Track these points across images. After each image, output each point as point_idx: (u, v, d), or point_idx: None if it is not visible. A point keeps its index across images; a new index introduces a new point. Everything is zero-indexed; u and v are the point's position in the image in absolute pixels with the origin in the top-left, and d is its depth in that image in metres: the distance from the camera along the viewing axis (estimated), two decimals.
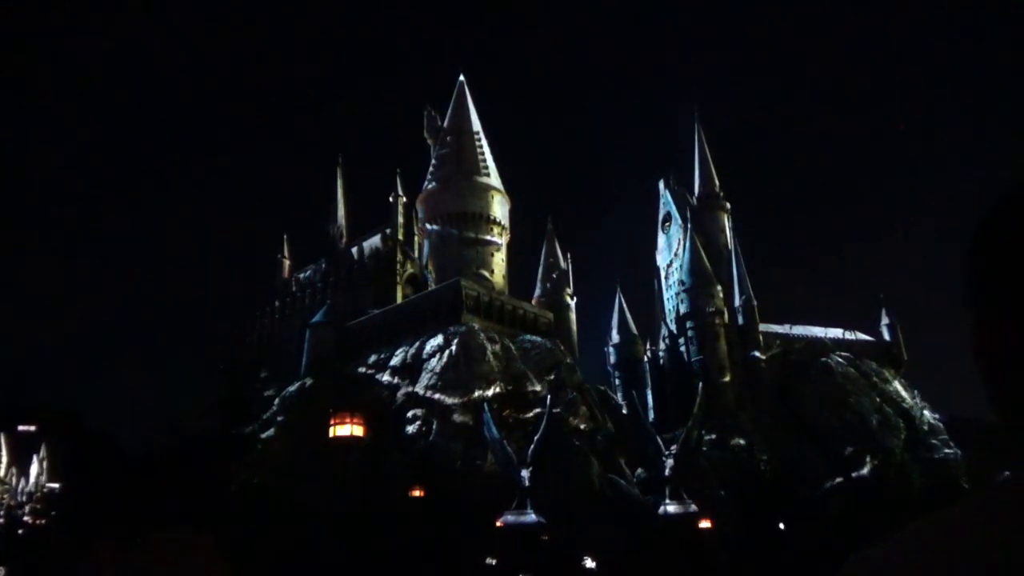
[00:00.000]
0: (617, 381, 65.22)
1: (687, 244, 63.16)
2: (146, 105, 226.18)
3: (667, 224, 67.93)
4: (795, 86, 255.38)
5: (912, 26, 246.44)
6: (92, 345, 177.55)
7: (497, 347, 47.65)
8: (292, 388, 51.36)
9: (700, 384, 56.91)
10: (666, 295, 65.06)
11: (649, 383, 62.86)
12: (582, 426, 45.56)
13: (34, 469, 45.87)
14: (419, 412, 43.17)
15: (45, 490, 41.15)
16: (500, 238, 60.71)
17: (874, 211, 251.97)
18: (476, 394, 43.54)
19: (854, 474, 51.81)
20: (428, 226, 60.33)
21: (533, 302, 58.47)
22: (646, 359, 64.78)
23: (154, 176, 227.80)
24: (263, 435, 43.00)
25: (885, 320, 66.51)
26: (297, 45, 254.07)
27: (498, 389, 44.58)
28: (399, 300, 55.69)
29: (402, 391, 45.60)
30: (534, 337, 52.15)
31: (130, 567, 1.66)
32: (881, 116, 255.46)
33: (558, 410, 43.93)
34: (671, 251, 65.96)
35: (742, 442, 53.87)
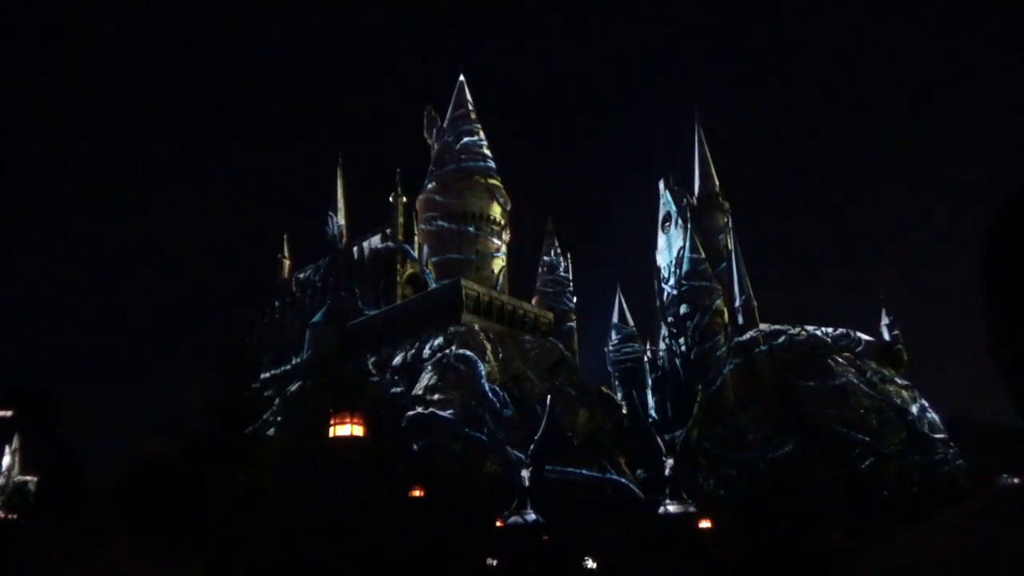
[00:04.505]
0: (617, 381, 65.18)
1: (687, 244, 63.14)
2: (145, 104, 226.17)
3: (667, 224, 67.86)
4: (795, 86, 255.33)
5: (913, 27, 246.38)
6: (89, 344, 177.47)
7: (497, 347, 47.67)
8: (292, 388, 51.37)
9: (700, 384, 56.94)
10: (666, 295, 65.01)
11: (649, 383, 62.82)
12: (582, 426, 45.57)
13: (5, 461, 45.27)
14: (419, 412, 43.17)
15: (17, 481, 40.66)
16: (500, 238, 60.69)
17: (874, 211, 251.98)
18: (476, 394, 43.55)
19: (854, 474, 51.78)
20: (428, 226, 60.30)
21: (533, 302, 58.44)
22: (646, 359, 64.75)
23: (153, 176, 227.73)
24: (263, 435, 43.01)
25: (885, 320, 66.44)
26: (297, 45, 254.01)
27: (498, 389, 44.59)
28: (399, 300, 55.67)
29: (402, 391, 45.60)
30: (534, 337, 52.18)
31: (88, 570, 1.66)
32: (882, 116, 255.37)
33: (558, 410, 43.94)
34: (671, 251, 65.90)
35: (742, 442, 53.89)
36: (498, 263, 59.75)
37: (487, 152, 62.41)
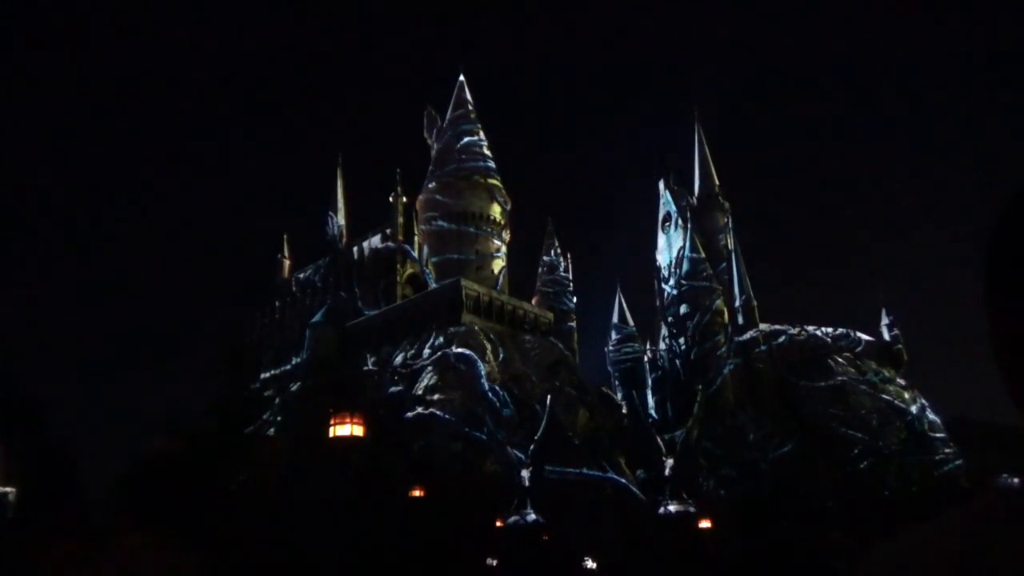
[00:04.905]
0: (617, 381, 65.21)
1: (687, 244, 63.22)
2: (145, 104, 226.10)
3: (667, 224, 67.94)
4: (796, 86, 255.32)
5: (914, 26, 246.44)
6: (88, 345, 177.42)
7: (497, 347, 47.69)
8: (292, 388, 51.41)
9: (700, 384, 56.98)
10: (666, 295, 65.10)
11: (649, 383, 62.89)
12: (582, 426, 45.58)
13: None
14: (419, 412, 43.18)
15: None
16: (500, 238, 60.72)
17: (875, 211, 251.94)
18: (476, 394, 43.57)
19: (854, 474, 51.81)
20: (428, 226, 60.33)
21: (533, 302, 58.47)
22: (646, 359, 64.81)
23: (153, 175, 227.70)
24: (263, 435, 43.03)
25: (885, 320, 66.50)
26: (296, 45, 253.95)
27: (498, 389, 44.60)
28: (399, 300, 55.69)
29: (402, 391, 45.61)
30: (534, 337, 52.20)
31: (86, 567, 1.66)
32: (882, 115, 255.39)
33: (558, 410, 43.95)
34: (671, 251, 65.98)
35: (742, 442, 53.91)
36: (498, 263, 59.77)
37: (487, 152, 62.43)
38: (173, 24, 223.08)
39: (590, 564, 32.99)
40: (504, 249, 61.04)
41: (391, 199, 60.86)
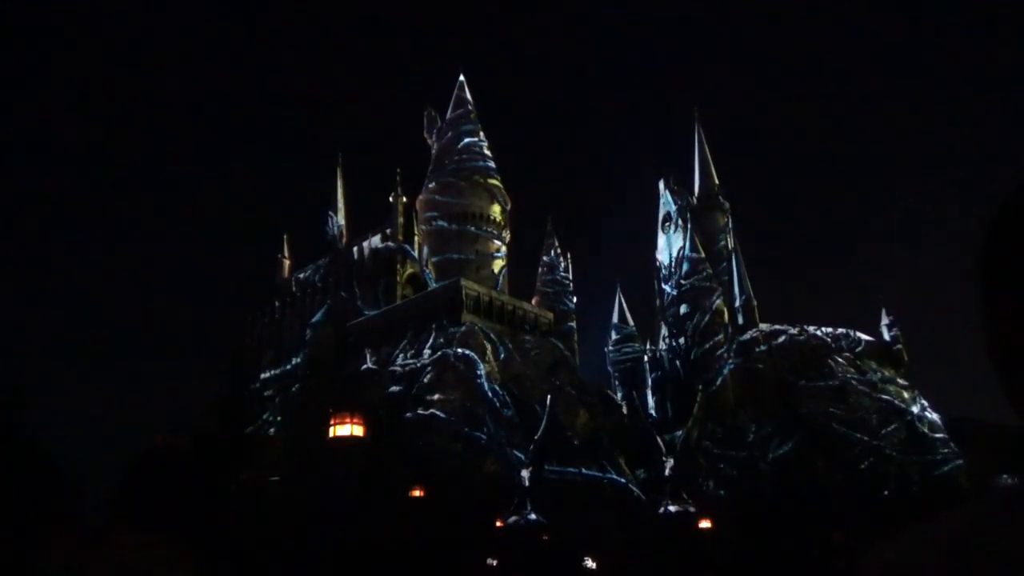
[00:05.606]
0: (617, 381, 65.22)
1: (687, 244, 63.23)
2: (145, 103, 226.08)
3: (667, 224, 67.94)
4: (796, 86, 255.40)
5: (914, 26, 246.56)
6: (88, 345, 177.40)
7: (497, 347, 47.70)
8: (292, 388, 51.44)
9: (700, 384, 56.99)
10: (666, 295, 65.11)
11: (649, 383, 62.89)
12: (582, 426, 45.59)
13: None
14: (419, 412, 43.19)
15: None
16: (500, 238, 60.72)
17: (875, 211, 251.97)
18: (476, 394, 43.57)
19: (854, 474, 51.79)
20: (428, 226, 60.34)
21: (533, 302, 58.48)
22: (646, 359, 64.82)
23: (152, 175, 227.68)
24: (263, 435, 43.08)
25: (885, 320, 66.46)
26: (296, 45, 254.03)
27: (498, 389, 44.61)
28: (399, 300, 55.72)
29: (402, 391, 45.62)
30: (534, 337, 52.23)
31: (87, 567, 1.66)
32: (881, 115, 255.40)
33: (558, 410, 43.95)
34: (671, 251, 65.99)
35: (742, 442, 53.91)
36: (498, 263, 59.78)
37: (487, 152, 62.43)
38: (174, 23, 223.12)
39: (590, 564, 32.99)
40: (504, 249, 61.05)
41: (391, 199, 60.89)
